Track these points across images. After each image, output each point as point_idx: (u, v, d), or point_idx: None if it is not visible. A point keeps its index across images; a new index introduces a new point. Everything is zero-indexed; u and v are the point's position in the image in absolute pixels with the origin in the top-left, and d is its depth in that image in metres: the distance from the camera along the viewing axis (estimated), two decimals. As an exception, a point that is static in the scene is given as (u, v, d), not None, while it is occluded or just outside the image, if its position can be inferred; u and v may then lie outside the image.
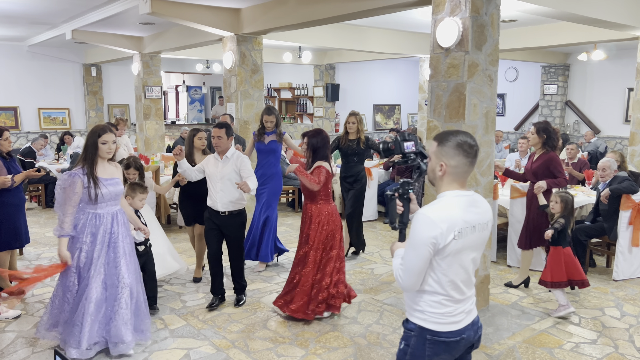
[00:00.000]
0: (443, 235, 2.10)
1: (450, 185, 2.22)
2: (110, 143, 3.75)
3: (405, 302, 2.35)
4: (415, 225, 2.14)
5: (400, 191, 2.42)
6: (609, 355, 4.01)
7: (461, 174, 2.20)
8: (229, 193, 4.59)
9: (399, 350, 2.33)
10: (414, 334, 2.26)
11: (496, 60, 4.57)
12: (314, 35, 9.21)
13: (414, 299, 2.26)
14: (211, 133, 4.75)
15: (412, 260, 2.14)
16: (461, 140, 2.17)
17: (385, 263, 6.23)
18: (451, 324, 2.23)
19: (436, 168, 2.22)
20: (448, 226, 2.11)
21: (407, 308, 2.32)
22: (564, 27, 8.48)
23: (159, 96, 11.12)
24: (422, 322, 2.24)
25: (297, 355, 3.96)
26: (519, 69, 14.47)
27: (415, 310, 2.26)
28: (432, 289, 2.20)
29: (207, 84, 16.64)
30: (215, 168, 4.65)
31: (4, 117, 11.91)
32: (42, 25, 9.36)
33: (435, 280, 2.19)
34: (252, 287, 5.39)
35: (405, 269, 2.17)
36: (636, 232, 5.58)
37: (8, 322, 4.48)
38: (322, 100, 14.39)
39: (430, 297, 2.21)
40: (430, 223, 2.10)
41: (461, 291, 2.24)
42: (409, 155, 2.44)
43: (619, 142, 12.64)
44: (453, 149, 2.17)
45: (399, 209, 2.41)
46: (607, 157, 6.03)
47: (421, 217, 2.13)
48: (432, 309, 2.22)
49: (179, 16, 6.85)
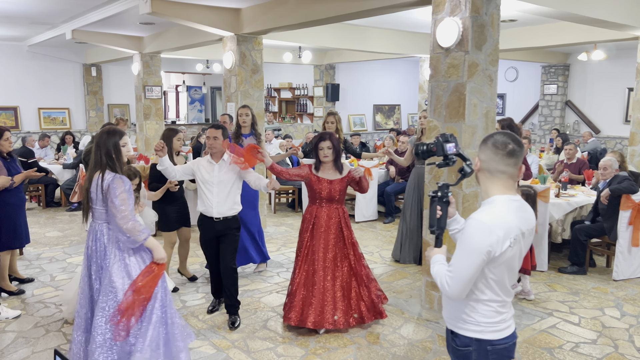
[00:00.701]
0: (499, 243, 2.02)
1: (494, 187, 2.13)
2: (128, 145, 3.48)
3: (448, 315, 2.25)
4: (469, 231, 2.05)
5: (439, 194, 2.30)
6: (609, 355, 4.01)
7: (495, 173, 2.12)
8: (227, 198, 4.36)
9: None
10: (473, 349, 2.16)
11: (496, 60, 4.57)
12: (314, 35, 9.21)
13: (464, 310, 2.16)
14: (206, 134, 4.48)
15: (463, 268, 2.04)
16: (497, 137, 2.13)
17: (385, 263, 6.23)
18: (507, 329, 2.17)
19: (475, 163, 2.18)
20: (504, 233, 2.03)
21: (453, 321, 2.21)
22: (564, 27, 8.48)
23: (159, 96, 11.12)
24: (479, 334, 2.14)
25: (297, 355, 3.96)
26: (519, 69, 14.47)
27: (467, 322, 2.16)
28: (487, 298, 2.13)
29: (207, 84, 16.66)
30: (210, 172, 4.34)
31: (4, 117, 11.91)
32: (42, 25, 9.36)
33: (488, 287, 2.12)
34: (252, 287, 5.39)
35: (454, 276, 2.07)
36: (636, 232, 5.58)
37: (8, 322, 4.48)
38: (322, 100, 14.39)
39: (484, 307, 2.13)
40: (487, 230, 2.02)
41: (509, 293, 2.19)
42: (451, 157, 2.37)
43: (619, 142, 12.64)
44: (486, 143, 2.15)
45: (438, 213, 2.30)
46: (608, 156, 6.03)
47: (476, 223, 2.04)
48: (488, 319, 2.14)
49: (179, 16, 6.85)
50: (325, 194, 4.29)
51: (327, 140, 4.29)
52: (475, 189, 4.55)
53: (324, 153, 4.28)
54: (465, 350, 2.18)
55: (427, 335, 4.30)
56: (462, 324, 2.17)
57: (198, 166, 4.42)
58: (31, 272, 5.76)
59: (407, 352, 4.03)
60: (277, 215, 8.81)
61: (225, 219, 4.39)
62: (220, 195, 4.34)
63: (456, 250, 2.09)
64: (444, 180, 4.54)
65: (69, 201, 8.93)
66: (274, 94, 15.17)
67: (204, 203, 4.38)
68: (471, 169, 2.33)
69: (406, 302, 5.01)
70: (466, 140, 4.41)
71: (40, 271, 5.83)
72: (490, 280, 2.11)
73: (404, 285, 5.47)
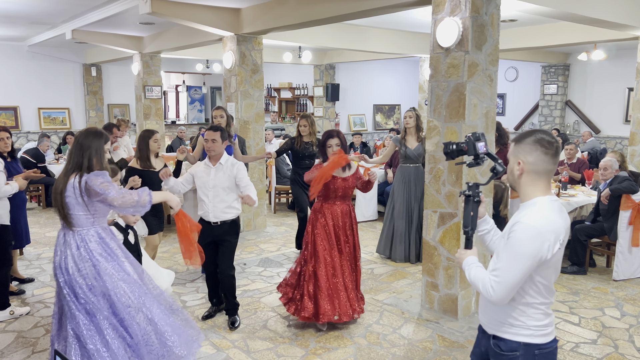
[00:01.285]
0: (550, 247, 1.99)
1: (536, 189, 2.08)
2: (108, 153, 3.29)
3: (491, 319, 2.20)
4: (519, 236, 1.99)
5: (469, 193, 2.27)
6: (609, 355, 4.01)
7: (543, 174, 2.07)
8: (222, 202, 4.27)
9: None
10: (519, 354, 2.10)
11: (496, 60, 4.57)
12: (314, 35, 9.21)
13: (511, 314, 2.11)
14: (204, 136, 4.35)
15: (511, 272, 1.99)
16: (539, 136, 2.07)
17: (385, 263, 6.23)
18: (552, 333, 2.14)
19: (514, 168, 2.11)
20: (555, 237, 2.00)
21: (497, 325, 2.16)
22: (564, 27, 8.48)
23: (159, 96, 11.12)
24: (528, 338, 2.10)
25: (297, 355, 3.96)
26: (519, 69, 14.47)
27: (515, 326, 2.11)
28: (536, 301, 2.09)
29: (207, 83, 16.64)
30: (207, 176, 4.27)
31: (4, 117, 11.91)
32: (42, 25, 9.36)
33: (537, 291, 2.09)
34: (252, 287, 5.39)
35: (501, 281, 2.01)
36: (636, 232, 5.58)
37: (8, 322, 4.48)
38: (322, 100, 14.38)
39: (533, 310, 2.10)
40: (538, 235, 1.97)
41: (553, 294, 2.17)
42: (482, 156, 2.36)
43: (619, 142, 12.64)
44: (530, 144, 2.06)
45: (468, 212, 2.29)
46: (608, 156, 6.03)
47: (527, 227, 1.98)
48: (537, 322, 2.10)
49: (179, 16, 6.85)
50: (341, 192, 4.37)
51: (335, 137, 4.37)
52: (475, 189, 4.54)
53: (333, 150, 4.33)
54: (511, 355, 2.12)
55: (427, 335, 4.30)
56: (509, 328, 2.12)
57: (195, 171, 4.35)
58: (31, 272, 5.76)
59: (407, 352, 4.03)
60: (277, 215, 8.81)
61: (224, 224, 4.31)
62: (215, 199, 4.26)
63: (503, 254, 2.03)
64: (467, 178, 4.54)
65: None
66: (274, 94, 15.17)
67: (202, 207, 4.32)
68: (503, 167, 2.30)
69: (406, 302, 5.01)
70: (466, 140, 4.40)
71: (40, 271, 5.83)
72: (539, 284, 2.08)
73: (404, 285, 5.47)
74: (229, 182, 4.27)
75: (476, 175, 4.54)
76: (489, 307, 2.18)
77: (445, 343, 4.17)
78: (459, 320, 4.56)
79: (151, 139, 4.87)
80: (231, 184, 4.28)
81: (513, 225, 2.04)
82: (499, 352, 2.15)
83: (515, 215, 2.09)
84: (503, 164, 2.30)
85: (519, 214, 2.08)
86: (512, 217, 2.13)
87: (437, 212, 4.66)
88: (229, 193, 4.29)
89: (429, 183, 4.71)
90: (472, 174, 4.49)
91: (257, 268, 6.01)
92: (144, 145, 4.88)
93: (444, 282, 4.67)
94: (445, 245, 4.61)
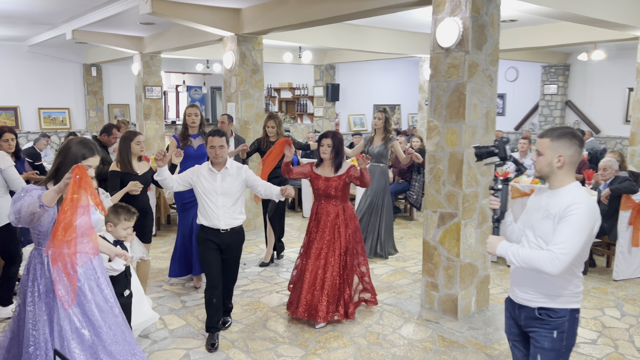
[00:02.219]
0: (598, 221, 2.38)
1: (570, 176, 2.43)
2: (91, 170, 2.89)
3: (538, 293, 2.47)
4: (580, 212, 2.30)
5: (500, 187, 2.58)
6: (609, 355, 4.01)
7: (575, 164, 2.43)
8: (233, 208, 4.07)
9: (552, 341, 2.45)
10: (567, 319, 2.44)
11: (496, 60, 4.57)
12: (314, 35, 9.21)
13: (561, 284, 2.43)
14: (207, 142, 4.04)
15: (575, 244, 2.30)
16: (574, 133, 2.41)
17: (385, 263, 6.23)
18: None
19: (553, 161, 2.41)
20: (598, 215, 2.38)
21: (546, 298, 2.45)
22: (564, 27, 8.47)
23: (159, 96, 11.12)
24: (573, 304, 2.46)
25: (297, 355, 3.96)
26: (519, 69, 14.46)
27: (564, 295, 2.44)
28: (578, 271, 2.45)
29: (207, 84, 16.65)
30: (213, 182, 4.02)
31: (4, 117, 11.91)
32: (43, 25, 9.36)
33: (580, 262, 2.43)
34: (252, 287, 5.39)
35: (567, 252, 2.29)
36: (636, 232, 5.58)
37: (8, 322, 4.47)
38: (322, 100, 14.38)
39: (576, 279, 2.46)
40: (594, 212, 2.34)
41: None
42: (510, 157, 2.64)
43: (619, 142, 12.63)
44: (569, 140, 2.39)
45: (495, 204, 2.58)
46: (608, 157, 6.03)
47: (585, 206, 2.32)
48: (578, 289, 2.47)
49: (179, 16, 6.85)
50: (322, 191, 4.47)
51: (329, 138, 4.47)
52: (475, 189, 4.55)
53: (323, 150, 4.47)
54: (560, 321, 2.44)
55: (427, 335, 4.30)
56: (558, 298, 2.44)
57: (198, 176, 4.06)
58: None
59: (407, 352, 4.03)
60: (277, 215, 8.80)
61: (233, 230, 4.09)
62: (226, 205, 4.04)
63: (564, 230, 2.31)
64: (467, 178, 4.55)
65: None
66: (274, 94, 15.16)
67: (208, 215, 4.03)
68: (525, 168, 2.68)
69: (406, 302, 5.01)
70: (466, 140, 4.41)
71: (40, 271, 5.81)
72: (582, 257, 2.41)
73: (404, 285, 5.47)
74: (240, 187, 4.10)
75: (476, 175, 4.54)
76: (536, 282, 2.46)
77: (445, 343, 4.17)
78: (458, 320, 4.56)
79: (133, 141, 4.49)
80: (242, 189, 4.12)
81: (569, 205, 2.33)
82: (549, 319, 2.45)
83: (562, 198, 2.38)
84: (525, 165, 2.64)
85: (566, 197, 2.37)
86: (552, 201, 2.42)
87: (437, 212, 4.66)
88: (239, 198, 4.13)
89: (429, 183, 4.71)
90: (472, 174, 4.50)
91: (257, 268, 6.01)
92: (124, 148, 4.48)
93: (444, 282, 4.67)
94: (445, 245, 4.61)
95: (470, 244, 4.60)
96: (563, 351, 2.47)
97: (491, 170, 4.71)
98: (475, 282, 4.72)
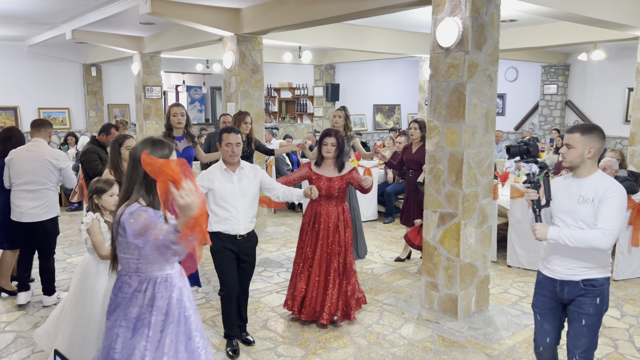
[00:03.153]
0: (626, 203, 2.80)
1: (595, 166, 2.83)
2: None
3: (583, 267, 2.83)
4: (619, 194, 2.71)
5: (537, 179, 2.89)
6: (608, 355, 4.01)
7: (599, 155, 2.82)
8: (251, 211, 3.86)
9: (595, 306, 2.83)
10: (605, 286, 2.85)
11: (496, 60, 4.57)
12: (314, 35, 9.21)
13: (601, 257, 2.83)
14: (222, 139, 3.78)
15: (619, 223, 2.71)
16: (599, 129, 2.82)
17: (386, 263, 6.23)
18: None
19: (584, 153, 2.78)
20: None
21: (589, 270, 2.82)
22: (564, 27, 8.47)
23: (159, 96, 11.12)
24: (608, 273, 2.87)
25: (297, 355, 3.96)
26: (519, 69, 14.46)
27: (604, 266, 2.85)
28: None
29: (207, 84, 16.65)
30: (229, 184, 3.75)
31: (4, 117, 11.91)
32: (42, 25, 9.36)
33: None
34: (252, 287, 5.39)
35: (615, 228, 2.68)
36: (636, 232, 5.58)
37: (8, 322, 4.48)
38: (322, 100, 14.38)
39: (609, 253, 2.85)
40: (625, 194, 2.74)
41: None
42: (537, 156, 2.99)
43: (619, 142, 12.64)
44: (597, 135, 2.79)
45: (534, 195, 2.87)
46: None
47: (621, 190, 2.73)
48: (610, 259, 2.89)
49: (179, 16, 6.84)
50: (324, 192, 4.34)
51: (332, 136, 4.35)
52: (475, 189, 4.55)
53: (327, 149, 4.34)
54: (601, 288, 2.83)
55: (427, 335, 4.30)
56: (597, 269, 2.83)
57: (210, 180, 3.74)
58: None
59: (407, 352, 4.03)
60: (277, 215, 8.81)
61: (249, 235, 3.90)
62: (245, 209, 3.81)
63: (609, 210, 2.70)
64: (467, 178, 4.55)
65: (69, 201, 8.92)
66: (274, 94, 15.17)
67: (226, 220, 3.76)
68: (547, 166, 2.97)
69: (406, 302, 5.01)
70: (466, 140, 4.41)
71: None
72: None
73: (404, 285, 5.47)
74: (256, 187, 3.91)
75: (476, 175, 4.54)
76: (580, 257, 2.82)
77: (445, 343, 4.17)
78: (458, 320, 4.56)
79: (122, 146, 4.04)
80: (257, 190, 3.93)
81: (607, 190, 2.71)
82: (592, 288, 2.82)
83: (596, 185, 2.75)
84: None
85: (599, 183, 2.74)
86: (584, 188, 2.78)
87: (437, 212, 4.66)
88: (255, 200, 3.92)
89: (429, 183, 4.71)
90: (472, 174, 4.50)
91: (257, 268, 6.00)
92: (114, 153, 4.04)
93: (443, 282, 4.66)
94: (445, 245, 4.61)
95: (470, 244, 4.60)
96: (602, 314, 2.88)
97: (491, 170, 4.71)
98: (475, 282, 4.72)
